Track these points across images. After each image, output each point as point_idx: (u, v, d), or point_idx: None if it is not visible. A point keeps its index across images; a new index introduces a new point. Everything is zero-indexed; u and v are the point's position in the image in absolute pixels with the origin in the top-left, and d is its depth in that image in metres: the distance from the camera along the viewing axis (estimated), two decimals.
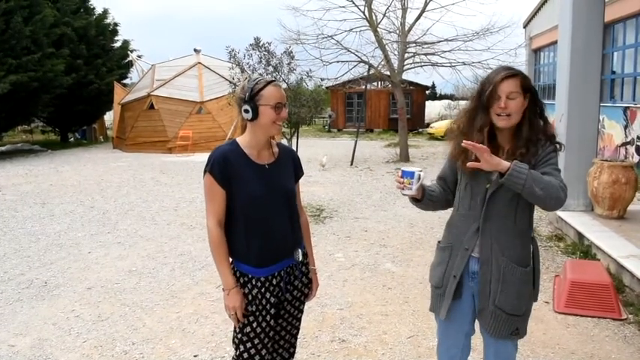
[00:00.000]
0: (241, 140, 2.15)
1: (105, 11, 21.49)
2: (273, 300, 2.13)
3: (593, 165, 6.14)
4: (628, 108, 10.35)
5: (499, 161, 1.86)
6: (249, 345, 2.12)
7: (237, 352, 2.15)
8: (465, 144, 1.88)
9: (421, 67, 14.31)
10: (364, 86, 16.13)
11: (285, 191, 2.18)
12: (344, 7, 13.44)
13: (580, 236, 5.56)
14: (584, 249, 5.29)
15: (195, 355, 3.32)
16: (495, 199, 2.02)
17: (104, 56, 20.88)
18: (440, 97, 40.04)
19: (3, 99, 15.07)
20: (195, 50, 19.30)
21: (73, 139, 22.69)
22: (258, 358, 2.13)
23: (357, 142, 13.76)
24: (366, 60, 13.74)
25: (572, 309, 3.87)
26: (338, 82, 16.39)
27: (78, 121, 21.77)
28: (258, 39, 9.63)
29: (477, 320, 2.18)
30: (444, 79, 32.20)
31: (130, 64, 23.28)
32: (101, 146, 20.02)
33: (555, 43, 9.78)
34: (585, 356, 3.27)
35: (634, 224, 5.75)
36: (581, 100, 6.27)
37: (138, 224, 6.94)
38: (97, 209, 7.94)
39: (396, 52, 14.13)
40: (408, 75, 15.76)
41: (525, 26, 19.11)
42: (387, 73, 14.07)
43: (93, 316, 3.95)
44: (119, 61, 22.23)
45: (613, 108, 10.94)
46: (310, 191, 9.01)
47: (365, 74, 14.33)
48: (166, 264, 5.22)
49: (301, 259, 2.24)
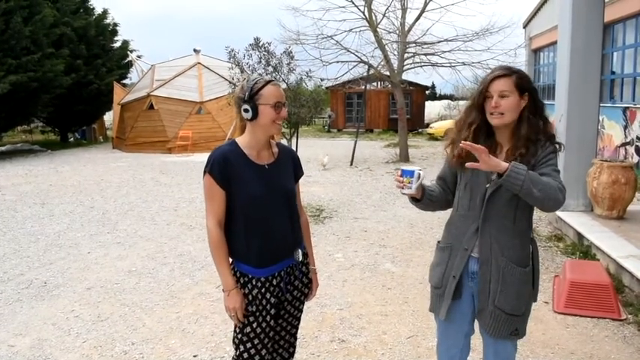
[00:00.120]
0: (241, 141, 2.15)
1: (104, 11, 21.52)
2: (273, 300, 2.13)
3: (592, 165, 6.14)
4: (627, 108, 10.36)
5: (497, 162, 1.87)
6: (249, 345, 2.13)
7: (237, 352, 2.15)
8: (464, 144, 1.89)
9: (421, 67, 14.32)
10: (364, 86, 16.13)
11: (285, 191, 2.18)
12: (344, 7, 13.45)
13: (579, 236, 5.56)
14: (583, 249, 5.30)
15: (195, 356, 3.32)
16: (495, 199, 2.02)
17: (104, 56, 20.90)
18: (440, 98, 40.06)
19: (3, 99, 15.07)
20: (195, 50, 19.31)
21: (72, 139, 22.70)
22: (258, 358, 2.14)
23: (356, 142, 13.76)
24: (366, 60, 13.74)
25: (571, 309, 3.87)
26: (338, 83, 16.38)
27: (77, 122, 21.79)
28: (257, 39, 9.62)
29: (476, 320, 2.18)
30: (443, 79, 32.29)
31: (130, 64, 23.29)
32: (101, 146, 20.03)
33: (555, 43, 9.78)
34: (585, 356, 3.27)
35: (633, 224, 5.75)
36: (581, 101, 6.27)
37: (137, 224, 6.94)
38: (96, 209, 7.94)
39: (396, 53, 14.13)
40: (407, 75, 15.78)
41: (525, 26, 19.12)
42: (387, 73, 14.07)
43: (92, 317, 3.95)
44: (119, 61, 22.24)
45: (613, 108, 10.95)
46: (310, 191, 9.01)
47: (365, 74, 14.33)
48: (166, 264, 5.23)
49: (301, 259, 2.24)
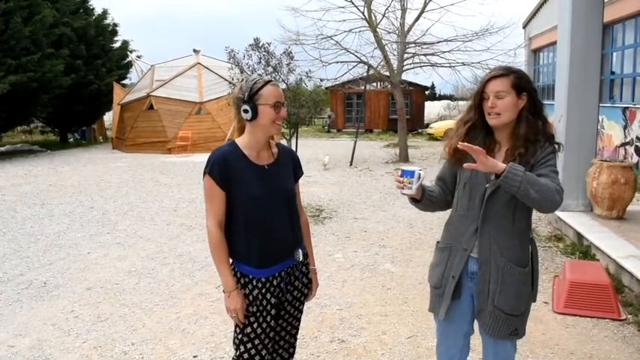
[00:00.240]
0: (240, 141, 2.15)
1: (104, 11, 21.50)
2: (273, 301, 2.13)
3: (592, 165, 6.14)
4: (627, 108, 10.36)
5: (495, 163, 1.87)
6: (249, 345, 2.13)
7: (238, 353, 2.15)
8: (462, 146, 1.89)
9: (420, 67, 14.32)
10: (363, 87, 16.13)
11: (285, 191, 2.18)
12: (343, 7, 13.46)
13: (579, 236, 5.56)
14: (583, 249, 5.30)
15: (195, 356, 3.32)
16: (494, 199, 2.02)
17: (104, 57, 20.89)
18: (439, 98, 40.07)
19: (2, 99, 15.06)
20: (195, 51, 19.30)
21: (72, 139, 22.69)
22: (258, 358, 2.13)
23: (356, 142, 13.76)
24: (366, 60, 13.74)
25: (571, 309, 3.87)
26: (337, 83, 16.40)
27: (77, 122, 21.78)
28: (257, 39, 9.63)
29: (476, 320, 2.18)
30: (443, 79, 32.31)
31: (130, 64, 23.27)
32: (100, 147, 20.02)
33: (555, 43, 9.78)
34: (584, 356, 3.27)
35: (633, 224, 5.75)
36: (581, 101, 6.27)
37: (137, 225, 6.94)
38: (96, 210, 7.94)
39: (396, 53, 14.14)
40: (407, 75, 15.78)
41: (525, 27, 19.12)
42: (387, 73, 14.07)
43: (92, 317, 3.95)
44: (118, 62, 22.23)
45: (612, 108, 10.96)
46: (310, 192, 9.01)
47: (364, 75, 14.33)
48: (166, 264, 5.23)
49: (301, 259, 2.24)
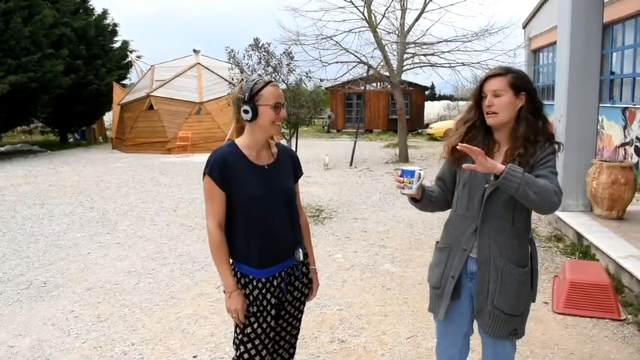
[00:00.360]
0: (240, 142, 2.15)
1: (104, 12, 21.50)
2: (274, 301, 2.13)
3: (592, 165, 6.14)
4: (627, 108, 10.36)
5: (493, 164, 1.87)
6: (249, 346, 2.13)
7: (238, 353, 2.15)
8: (461, 146, 1.89)
9: (420, 67, 14.33)
10: (363, 87, 16.13)
11: (285, 191, 2.19)
12: (343, 7, 13.46)
13: (579, 237, 5.56)
14: (583, 249, 5.30)
15: (195, 356, 3.32)
16: (493, 199, 2.02)
17: (103, 57, 20.88)
18: (439, 98, 40.05)
19: (2, 100, 15.06)
20: (195, 51, 19.30)
21: (72, 139, 22.68)
22: (258, 358, 2.13)
23: (356, 142, 13.76)
24: (366, 61, 13.74)
25: (571, 309, 3.87)
26: (337, 83, 16.39)
27: (77, 122, 21.77)
28: (257, 40, 9.64)
29: (475, 320, 2.18)
30: (443, 79, 32.29)
31: (130, 64, 23.27)
32: (100, 147, 20.02)
33: (554, 43, 9.78)
34: (584, 356, 3.27)
35: (633, 225, 5.75)
36: (581, 101, 6.28)
37: (137, 225, 6.94)
38: (96, 210, 7.94)
39: (395, 53, 14.14)
40: (407, 76, 15.78)
41: (524, 27, 19.12)
42: (387, 73, 14.07)
43: (92, 317, 3.95)
44: (118, 62, 22.22)
45: (612, 108, 10.95)
46: (310, 192, 9.01)
47: (364, 75, 14.34)
48: (166, 265, 5.23)
49: (302, 259, 2.24)
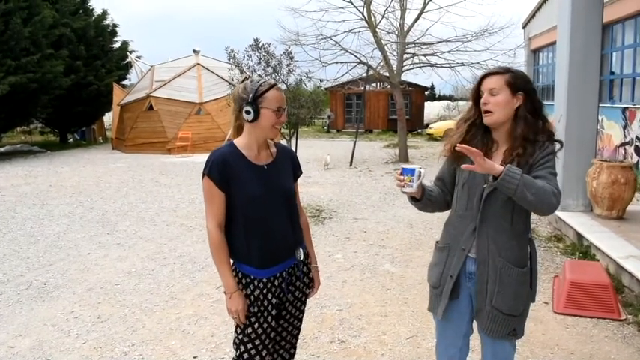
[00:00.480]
0: (239, 142, 2.15)
1: (104, 12, 21.49)
2: (274, 301, 2.13)
3: (592, 165, 6.14)
4: (627, 108, 10.36)
5: (492, 165, 1.87)
6: (249, 345, 2.13)
7: (238, 353, 2.15)
8: (460, 148, 1.89)
9: (420, 67, 14.32)
10: (363, 87, 16.13)
11: (284, 191, 2.19)
12: (343, 8, 13.46)
13: (579, 237, 5.56)
14: (583, 249, 5.30)
15: (195, 356, 3.32)
16: (491, 200, 2.02)
17: (103, 57, 20.88)
18: (439, 98, 40.06)
19: (2, 100, 15.05)
20: (195, 51, 19.30)
21: (72, 140, 22.67)
22: (258, 358, 2.14)
23: (356, 142, 13.76)
24: (365, 61, 13.74)
25: (571, 309, 3.87)
26: (337, 83, 16.38)
27: (77, 122, 21.76)
28: (257, 40, 9.65)
29: (475, 320, 2.18)
30: (443, 79, 32.28)
31: (129, 65, 23.26)
32: (100, 147, 20.02)
33: (554, 43, 9.78)
34: (584, 356, 3.27)
35: (633, 225, 5.76)
36: (580, 101, 6.28)
37: (137, 225, 6.94)
38: (96, 210, 7.94)
39: (395, 53, 14.14)
40: (407, 76, 15.76)
41: (524, 27, 19.12)
42: (386, 73, 14.07)
43: (92, 317, 3.95)
44: (118, 62, 22.22)
45: (612, 108, 10.95)
46: (310, 192, 9.01)
47: (364, 75, 14.34)
48: (166, 265, 5.23)
49: (303, 258, 2.24)
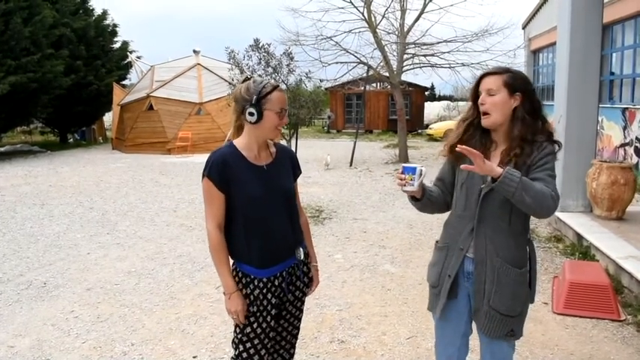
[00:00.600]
0: (238, 142, 2.15)
1: (104, 12, 21.50)
2: (274, 301, 2.14)
3: (592, 166, 6.14)
4: (627, 109, 10.36)
5: (492, 167, 1.87)
6: (248, 345, 2.13)
7: (237, 352, 2.16)
8: (460, 148, 1.89)
9: (420, 68, 14.32)
10: (363, 87, 16.13)
11: (284, 191, 2.19)
12: (343, 8, 13.46)
13: (579, 237, 5.56)
14: (583, 250, 5.30)
15: (195, 357, 3.32)
16: (489, 200, 2.02)
17: (103, 57, 20.88)
18: (439, 99, 40.06)
19: (2, 100, 15.06)
20: (195, 51, 19.30)
21: (72, 140, 22.68)
22: (257, 358, 2.14)
23: (356, 143, 13.76)
24: (365, 61, 13.74)
25: (571, 310, 3.87)
26: (337, 83, 16.38)
27: (77, 122, 21.78)
28: (257, 40, 9.66)
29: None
30: (443, 80, 32.23)
31: (130, 65, 23.27)
32: (100, 147, 20.02)
33: (554, 44, 9.78)
34: (584, 357, 3.27)
35: (633, 225, 5.76)
36: (580, 101, 6.28)
37: (137, 225, 6.94)
38: (96, 210, 7.94)
39: (395, 54, 14.14)
40: (407, 76, 15.76)
41: (524, 27, 19.12)
42: (386, 74, 14.07)
43: (92, 317, 3.95)
44: (118, 62, 22.23)
45: (612, 109, 10.95)
46: (309, 192, 9.01)
47: (364, 75, 14.34)
48: (166, 265, 5.23)
49: (303, 258, 2.24)
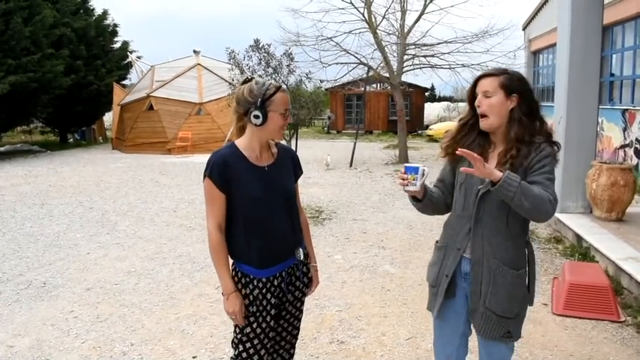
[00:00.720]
0: (240, 143, 2.15)
1: (104, 12, 21.49)
2: (274, 301, 2.14)
3: (591, 167, 6.14)
4: (627, 110, 10.36)
5: (491, 170, 1.87)
6: (248, 345, 2.13)
7: (236, 352, 2.16)
8: (461, 152, 1.89)
9: (420, 69, 14.34)
10: (363, 88, 16.14)
11: (285, 191, 2.19)
12: (343, 8, 13.48)
13: (579, 238, 5.57)
14: (582, 251, 5.30)
15: (194, 357, 3.32)
16: (486, 201, 2.01)
17: (103, 57, 20.88)
18: (439, 99, 40.06)
19: (2, 100, 15.05)
20: (195, 51, 19.30)
21: (72, 139, 22.67)
22: (256, 358, 2.14)
23: (356, 143, 13.77)
24: (366, 62, 13.75)
25: (570, 311, 3.87)
26: (337, 84, 16.39)
27: (77, 122, 21.76)
28: (257, 40, 9.67)
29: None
30: (443, 81, 32.16)
31: (130, 65, 23.27)
32: (100, 147, 20.01)
33: (554, 45, 9.79)
34: (583, 358, 3.27)
35: (632, 226, 5.76)
36: (580, 103, 6.28)
37: (137, 225, 6.94)
38: (96, 210, 7.93)
39: (395, 54, 14.15)
40: (407, 77, 15.76)
41: (524, 28, 19.13)
42: (387, 74, 14.08)
43: (92, 317, 3.95)
44: (118, 62, 22.22)
45: (612, 110, 10.96)
46: (309, 193, 9.01)
47: (364, 76, 14.34)
48: (165, 265, 5.23)
49: (302, 258, 2.24)
